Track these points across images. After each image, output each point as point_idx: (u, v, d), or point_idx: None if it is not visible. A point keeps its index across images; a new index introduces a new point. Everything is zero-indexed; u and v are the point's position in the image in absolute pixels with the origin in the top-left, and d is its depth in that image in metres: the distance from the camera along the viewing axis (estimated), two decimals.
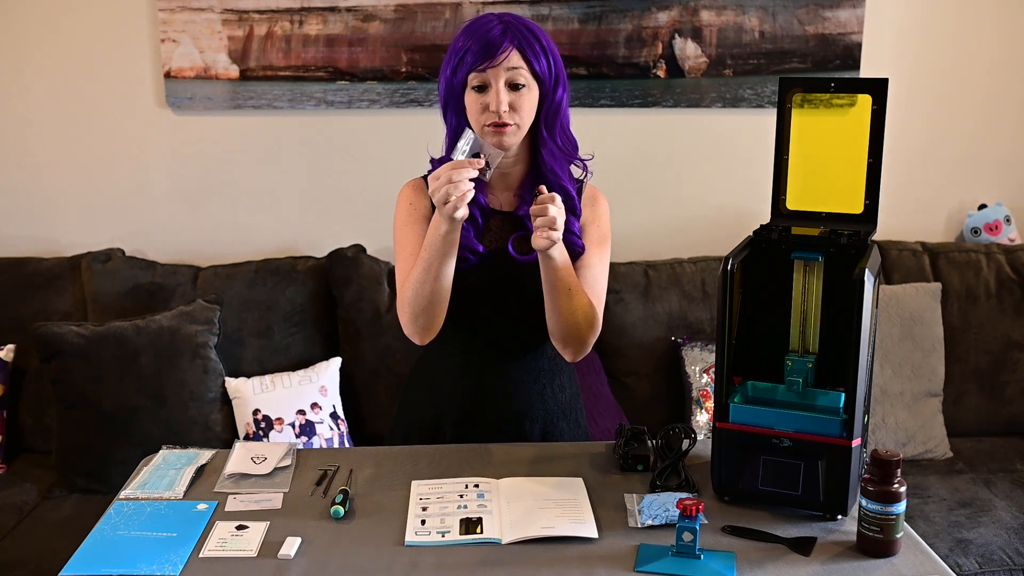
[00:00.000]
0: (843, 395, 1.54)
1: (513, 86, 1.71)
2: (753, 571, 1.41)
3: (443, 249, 1.67)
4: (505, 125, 1.71)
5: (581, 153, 1.85)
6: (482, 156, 1.64)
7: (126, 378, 2.60)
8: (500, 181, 1.84)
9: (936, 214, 3.19)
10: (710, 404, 2.72)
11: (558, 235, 1.62)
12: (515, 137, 1.74)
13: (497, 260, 1.80)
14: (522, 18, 1.75)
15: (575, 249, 1.80)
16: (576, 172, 1.87)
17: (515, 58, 1.71)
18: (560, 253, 1.68)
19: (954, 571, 1.75)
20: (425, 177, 1.87)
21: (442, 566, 1.42)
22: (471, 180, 1.60)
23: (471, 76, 1.71)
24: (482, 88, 1.72)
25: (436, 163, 1.86)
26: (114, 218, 3.04)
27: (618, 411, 2.78)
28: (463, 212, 1.61)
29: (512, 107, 1.71)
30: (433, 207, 1.81)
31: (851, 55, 2.99)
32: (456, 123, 1.78)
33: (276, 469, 1.71)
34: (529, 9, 2.91)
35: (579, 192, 1.85)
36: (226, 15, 2.91)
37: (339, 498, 1.57)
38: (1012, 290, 2.94)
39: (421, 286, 1.71)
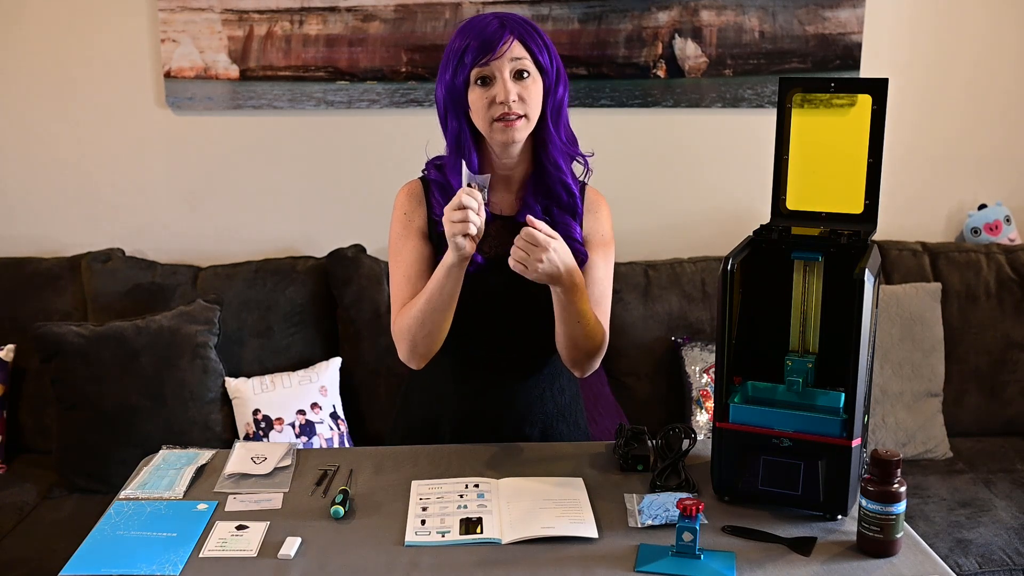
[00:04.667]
0: (843, 395, 1.54)
1: (519, 74, 1.69)
2: (753, 571, 1.41)
3: (449, 288, 1.66)
4: (516, 119, 1.69)
5: (581, 150, 1.83)
6: (474, 185, 1.62)
7: (126, 378, 2.60)
8: (501, 183, 1.82)
9: (936, 214, 3.19)
10: (710, 404, 2.72)
11: (548, 264, 1.59)
12: (524, 131, 1.72)
13: (498, 267, 1.77)
14: (517, 14, 1.74)
15: (579, 257, 1.78)
16: (578, 170, 1.85)
17: (517, 48, 1.69)
18: (569, 281, 1.64)
19: (954, 571, 1.75)
20: (422, 179, 1.86)
21: (442, 566, 1.42)
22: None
23: (474, 72, 1.70)
24: (486, 81, 1.70)
25: (430, 166, 1.85)
26: (114, 218, 3.04)
27: (618, 411, 2.78)
28: (469, 245, 1.60)
29: (520, 97, 1.69)
30: (428, 219, 1.81)
31: (851, 55, 2.99)
32: (458, 127, 1.75)
33: (276, 469, 1.71)
34: (529, 9, 2.92)
35: (581, 194, 1.83)
36: (226, 15, 2.91)
37: (339, 498, 1.57)
38: (1012, 290, 2.94)
39: (422, 323, 1.71)
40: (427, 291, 1.70)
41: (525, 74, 1.70)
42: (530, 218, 1.63)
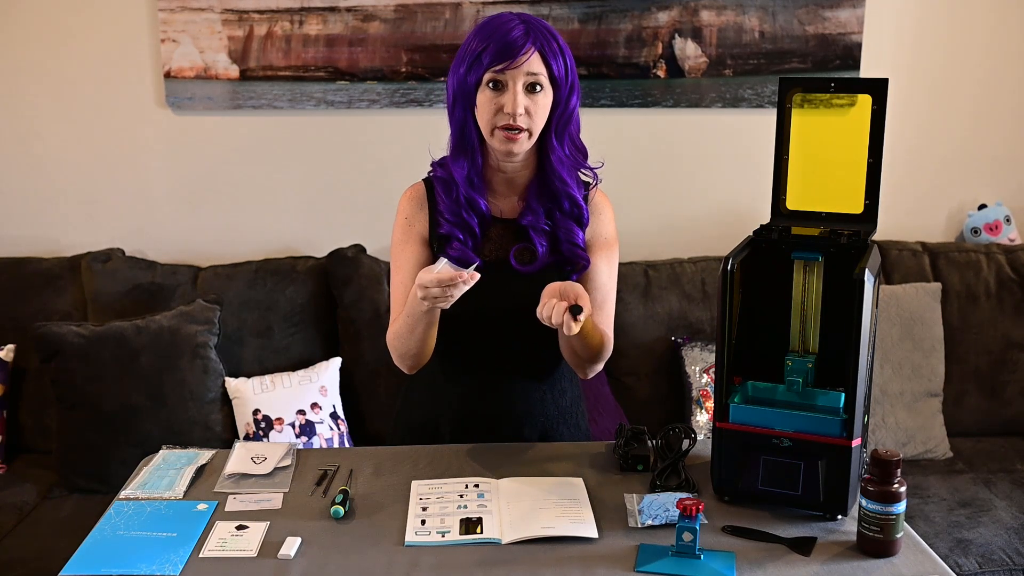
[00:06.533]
0: (843, 395, 1.54)
1: (531, 88, 1.68)
2: (753, 571, 1.41)
3: (425, 320, 1.67)
4: (518, 131, 1.68)
5: (591, 160, 1.82)
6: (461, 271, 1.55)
7: (126, 378, 2.60)
8: (504, 186, 1.81)
9: (936, 214, 3.19)
10: (710, 404, 2.72)
11: (580, 321, 1.54)
12: (525, 145, 1.71)
13: (498, 271, 1.76)
14: (541, 19, 1.72)
15: (580, 263, 1.78)
16: (584, 178, 1.84)
17: (536, 61, 1.67)
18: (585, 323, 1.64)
19: (954, 571, 1.75)
20: (425, 180, 1.86)
21: (442, 566, 1.42)
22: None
23: (488, 75, 1.68)
24: (498, 86, 1.68)
25: (436, 166, 1.84)
26: (114, 218, 3.04)
27: (618, 411, 2.78)
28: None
29: (527, 111, 1.68)
30: (429, 223, 1.81)
31: (851, 55, 2.99)
32: (463, 118, 1.74)
33: (276, 469, 1.71)
34: (529, 9, 2.91)
35: (585, 199, 1.82)
36: (226, 15, 2.91)
37: (339, 498, 1.57)
38: (1012, 290, 2.94)
39: (406, 342, 1.73)
40: (404, 319, 1.70)
41: (538, 88, 1.68)
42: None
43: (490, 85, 1.69)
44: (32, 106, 2.98)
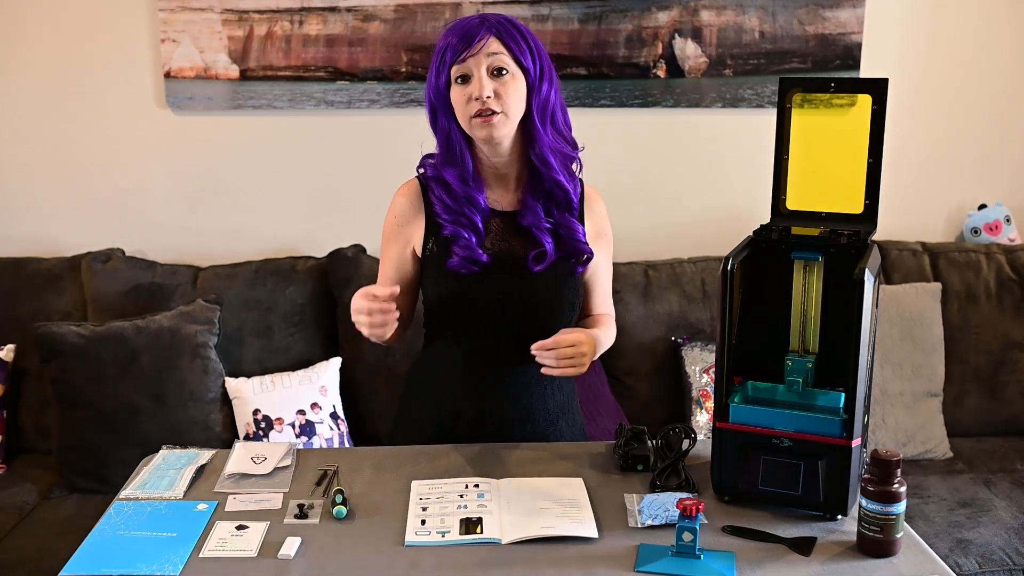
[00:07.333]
0: (843, 395, 1.54)
1: (496, 72, 1.70)
2: (753, 571, 1.41)
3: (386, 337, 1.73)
4: (492, 114, 1.69)
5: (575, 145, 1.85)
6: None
7: (126, 378, 2.60)
8: (497, 182, 1.83)
9: (936, 214, 3.19)
10: (710, 404, 2.72)
11: (588, 359, 1.69)
12: (503, 128, 1.72)
13: (502, 264, 1.78)
14: (502, 14, 1.76)
15: (583, 255, 1.82)
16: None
17: (493, 44, 1.70)
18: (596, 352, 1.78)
19: (954, 571, 1.75)
20: (419, 177, 1.87)
21: (442, 566, 1.42)
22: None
23: (453, 70, 1.71)
24: (466, 79, 1.71)
25: (426, 164, 1.85)
26: (114, 218, 3.04)
27: (618, 411, 2.78)
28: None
29: (497, 94, 1.69)
30: (426, 226, 1.82)
31: (851, 55, 2.99)
32: (448, 126, 1.77)
33: (276, 469, 1.71)
34: (529, 9, 2.91)
35: (581, 197, 1.85)
36: (226, 15, 2.91)
37: (340, 498, 1.57)
38: (1012, 290, 2.94)
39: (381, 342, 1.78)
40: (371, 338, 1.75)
41: (504, 71, 1.70)
42: (536, 346, 1.67)
43: (458, 80, 1.71)
44: (33, 106, 2.98)
